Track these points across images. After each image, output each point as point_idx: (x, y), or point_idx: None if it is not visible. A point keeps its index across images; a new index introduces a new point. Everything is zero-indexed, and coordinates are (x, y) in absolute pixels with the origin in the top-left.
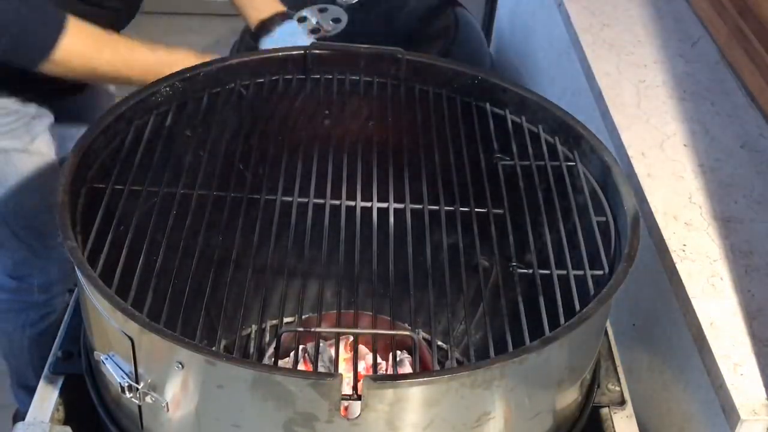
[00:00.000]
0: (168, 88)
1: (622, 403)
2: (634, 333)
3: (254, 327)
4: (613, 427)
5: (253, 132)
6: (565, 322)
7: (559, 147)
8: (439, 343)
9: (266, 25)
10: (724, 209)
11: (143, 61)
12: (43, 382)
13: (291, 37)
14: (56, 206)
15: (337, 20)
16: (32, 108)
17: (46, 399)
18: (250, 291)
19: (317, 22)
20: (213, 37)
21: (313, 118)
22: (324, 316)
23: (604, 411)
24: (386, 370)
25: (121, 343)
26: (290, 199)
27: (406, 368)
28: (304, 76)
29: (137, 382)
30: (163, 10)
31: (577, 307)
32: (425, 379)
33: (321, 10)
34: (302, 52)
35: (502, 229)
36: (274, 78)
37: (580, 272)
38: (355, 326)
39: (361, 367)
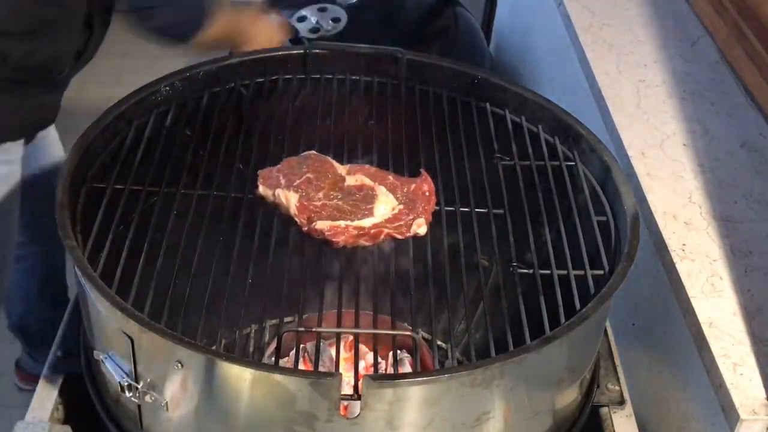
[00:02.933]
0: (168, 88)
1: (621, 402)
2: (633, 333)
3: (254, 326)
4: (613, 426)
5: (253, 131)
6: (565, 321)
7: (559, 147)
8: (440, 342)
9: None
10: (724, 209)
11: None
12: (43, 382)
13: None
14: (56, 205)
15: (336, 20)
16: None
17: (46, 398)
18: (250, 290)
19: (317, 22)
20: None
21: (313, 118)
22: (324, 315)
23: (604, 410)
24: (386, 369)
25: (121, 343)
26: None
27: (407, 368)
28: (304, 76)
29: (137, 382)
30: None
31: (578, 306)
32: (425, 378)
33: (320, 10)
34: (302, 51)
35: (502, 229)
36: (273, 77)
37: (581, 272)
38: (356, 326)
39: (362, 366)
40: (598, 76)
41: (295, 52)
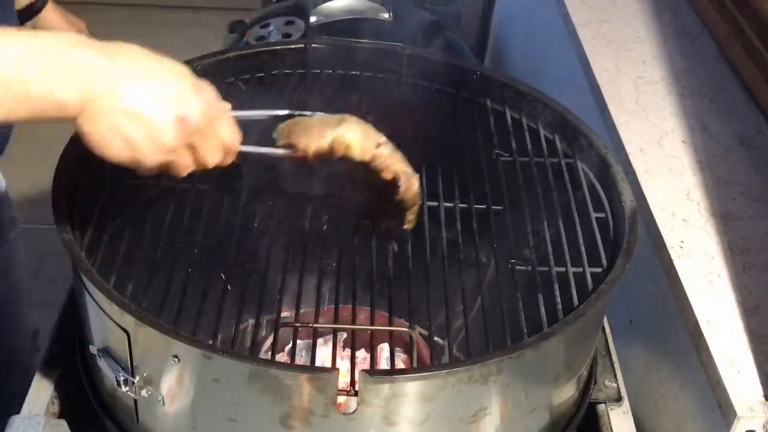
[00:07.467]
0: None
1: (618, 399)
2: (631, 329)
3: (251, 321)
4: (610, 423)
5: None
6: (563, 317)
7: (558, 143)
8: (437, 338)
9: None
10: (722, 206)
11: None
12: (39, 376)
13: None
14: (53, 198)
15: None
16: None
17: (41, 392)
18: (247, 285)
19: (281, 35)
20: (209, 30)
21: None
22: (322, 310)
23: (601, 407)
24: (378, 364)
25: (117, 337)
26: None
27: (401, 364)
28: (304, 71)
29: (133, 376)
30: (158, 3)
31: (576, 303)
32: (422, 374)
33: (287, 23)
34: (302, 46)
35: (501, 226)
36: (273, 72)
37: (579, 269)
38: (353, 322)
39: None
40: (596, 73)
41: (295, 46)
